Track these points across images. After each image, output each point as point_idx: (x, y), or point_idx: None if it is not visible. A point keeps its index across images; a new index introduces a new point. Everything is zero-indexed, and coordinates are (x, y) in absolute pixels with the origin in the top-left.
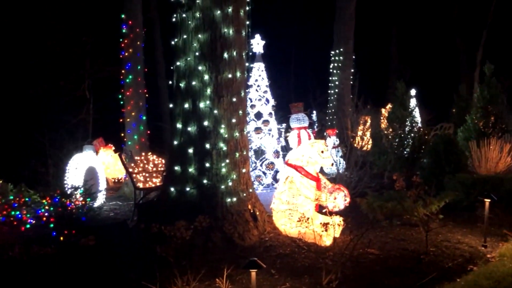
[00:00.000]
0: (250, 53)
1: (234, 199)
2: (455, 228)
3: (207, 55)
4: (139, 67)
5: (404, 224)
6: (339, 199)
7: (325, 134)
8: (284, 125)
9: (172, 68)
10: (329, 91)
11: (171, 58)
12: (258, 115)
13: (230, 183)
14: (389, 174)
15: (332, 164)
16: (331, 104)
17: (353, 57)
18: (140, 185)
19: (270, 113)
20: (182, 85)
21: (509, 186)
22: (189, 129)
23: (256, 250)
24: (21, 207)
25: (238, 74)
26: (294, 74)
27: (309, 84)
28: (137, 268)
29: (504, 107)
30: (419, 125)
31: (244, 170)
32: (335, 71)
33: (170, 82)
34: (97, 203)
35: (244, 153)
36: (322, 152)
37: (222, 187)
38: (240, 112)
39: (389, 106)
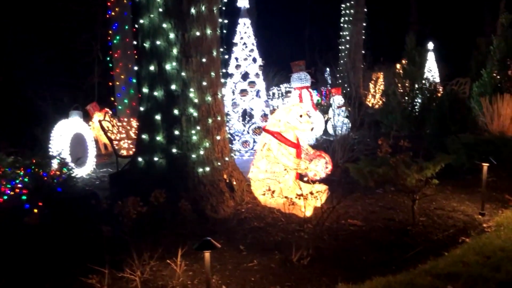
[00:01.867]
0: (235, 8)
1: (207, 168)
2: (453, 194)
3: (172, 11)
4: (126, 27)
5: (398, 191)
6: (320, 166)
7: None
8: (286, 85)
9: (136, 26)
10: (339, 47)
11: None
12: (245, 76)
13: (202, 152)
14: (396, 133)
15: (312, 129)
16: (341, 61)
17: (365, 9)
18: (124, 152)
19: (257, 74)
20: (146, 45)
21: None
22: (155, 93)
23: (229, 223)
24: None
25: (209, 31)
26: (307, 31)
27: (318, 40)
28: (86, 249)
29: None
30: (437, 81)
31: (218, 137)
32: (346, 25)
33: (135, 42)
34: (85, 171)
35: (219, 118)
36: (301, 116)
37: (193, 156)
38: (213, 73)
39: (404, 61)
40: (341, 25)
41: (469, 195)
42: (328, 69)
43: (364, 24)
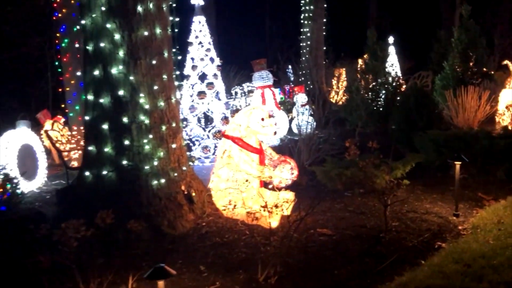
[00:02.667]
0: (190, 5)
1: (163, 180)
2: (424, 194)
3: (117, 10)
4: (75, 29)
5: (367, 192)
6: (285, 173)
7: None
8: (248, 84)
9: (78, 28)
10: (301, 44)
11: None
12: (203, 77)
13: (156, 162)
14: (361, 130)
15: (275, 133)
16: (303, 58)
17: (325, 5)
18: (75, 163)
19: (215, 74)
20: (90, 48)
21: (486, 142)
22: (101, 100)
23: (189, 239)
24: None
25: (158, 31)
26: (267, 28)
27: (279, 37)
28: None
29: (484, 50)
30: (399, 75)
31: (174, 146)
32: (306, 22)
33: (77, 45)
34: (36, 185)
35: (173, 125)
36: (262, 119)
37: (146, 167)
38: (165, 76)
39: (366, 56)
40: (302, 21)
41: (441, 195)
42: (290, 66)
43: (325, 20)
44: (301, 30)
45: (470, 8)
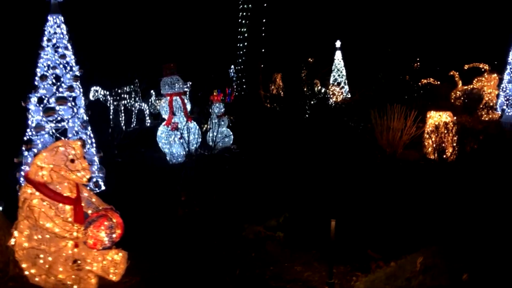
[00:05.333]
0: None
1: None
2: (301, 251)
3: None
4: None
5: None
6: (103, 233)
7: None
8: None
9: None
10: (238, 45)
11: None
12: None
13: None
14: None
15: (89, 180)
16: (239, 60)
17: (265, 4)
18: None
19: (71, 86)
20: None
21: None
22: None
23: None
24: None
25: None
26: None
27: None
28: None
29: None
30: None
31: None
32: (243, 21)
33: None
34: None
35: None
36: (72, 161)
37: None
38: None
39: (310, 60)
40: (239, 20)
41: (320, 251)
42: (233, 66)
43: (264, 20)
44: (239, 29)
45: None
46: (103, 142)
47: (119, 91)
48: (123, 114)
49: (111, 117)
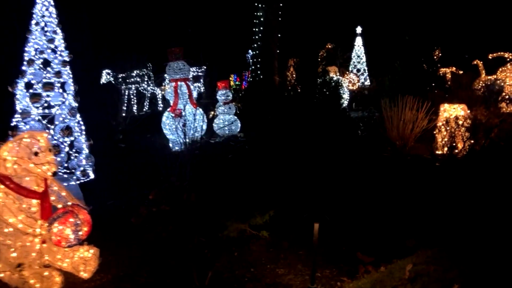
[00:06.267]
0: None
1: None
2: (288, 251)
3: None
4: None
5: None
6: (68, 230)
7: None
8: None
9: None
10: (254, 29)
11: None
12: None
13: None
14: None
15: (55, 174)
16: (255, 45)
17: None
18: None
19: (59, 72)
20: None
21: None
22: None
23: None
24: None
25: None
26: None
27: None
28: None
29: None
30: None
31: None
32: (259, 5)
33: None
34: None
35: None
36: (36, 154)
37: None
38: None
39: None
40: (255, 4)
41: (308, 251)
42: (250, 51)
43: (281, 5)
44: (255, 13)
45: None
46: (108, 127)
47: (132, 74)
48: (135, 98)
49: (121, 101)
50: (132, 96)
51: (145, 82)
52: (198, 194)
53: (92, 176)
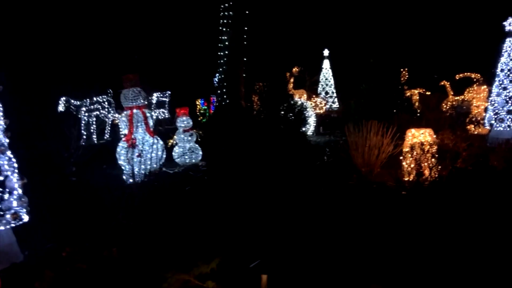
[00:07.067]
0: None
1: None
2: None
3: None
4: None
5: None
6: None
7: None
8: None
9: None
10: (219, 53)
11: None
12: None
13: None
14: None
15: None
16: (220, 69)
17: (247, 11)
18: None
19: None
20: None
21: None
22: None
23: None
24: None
25: None
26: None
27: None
28: None
29: None
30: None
31: None
32: (224, 29)
33: None
34: None
35: None
36: None
37: None
38: None
39: (295, 70)
40: (220, 28)
41: None
42: (217, 74)
43: (246, 29)
44: (220, 37)
45: None
46: (59, 159)
47: (92, 101)
48: (94, 125)
49: (78, 129)
50: (92, 124)
51: (106, 109)
52: (134, 240)
53: (26, 218)
